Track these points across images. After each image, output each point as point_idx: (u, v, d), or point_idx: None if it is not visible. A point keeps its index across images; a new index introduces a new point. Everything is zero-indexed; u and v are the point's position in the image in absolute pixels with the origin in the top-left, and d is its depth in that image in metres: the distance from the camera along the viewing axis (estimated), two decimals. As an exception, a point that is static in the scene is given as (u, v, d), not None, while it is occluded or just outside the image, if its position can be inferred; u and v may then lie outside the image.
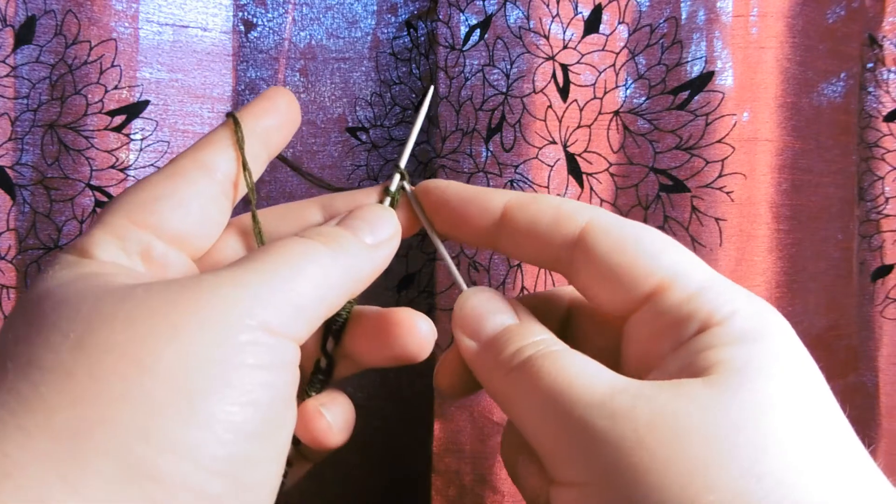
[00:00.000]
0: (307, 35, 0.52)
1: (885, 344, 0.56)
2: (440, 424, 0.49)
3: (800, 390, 0.22)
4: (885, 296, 0.56)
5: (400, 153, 0.30)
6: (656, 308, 0.25)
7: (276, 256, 0.23)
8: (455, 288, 0.48)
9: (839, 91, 0.52)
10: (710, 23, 0.47)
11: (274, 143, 0.29)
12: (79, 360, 0.20)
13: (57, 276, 0.23)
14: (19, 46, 0.44)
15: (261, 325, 0.21)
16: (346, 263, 0.25)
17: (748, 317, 0.23)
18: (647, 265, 0.25)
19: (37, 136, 0.45)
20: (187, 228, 0.25)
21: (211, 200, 0.26)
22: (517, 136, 0.47)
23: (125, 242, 0.24)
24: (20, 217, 0.45)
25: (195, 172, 0.26)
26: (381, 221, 0.27)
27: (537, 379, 0.23)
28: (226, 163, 0.27)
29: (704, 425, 0.20)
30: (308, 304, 0.23)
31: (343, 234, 0.26)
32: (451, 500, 0.49)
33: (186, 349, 0.20)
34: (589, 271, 0.26)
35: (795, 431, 0.21)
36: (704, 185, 0.48)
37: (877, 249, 0.56)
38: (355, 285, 0.25)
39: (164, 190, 0.25)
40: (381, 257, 0.27)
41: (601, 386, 0.22)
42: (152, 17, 0.46)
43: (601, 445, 0.21)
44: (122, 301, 0.21)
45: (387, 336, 0.27)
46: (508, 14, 0.47)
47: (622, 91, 0.49)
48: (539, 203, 0.27)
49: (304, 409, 0.26)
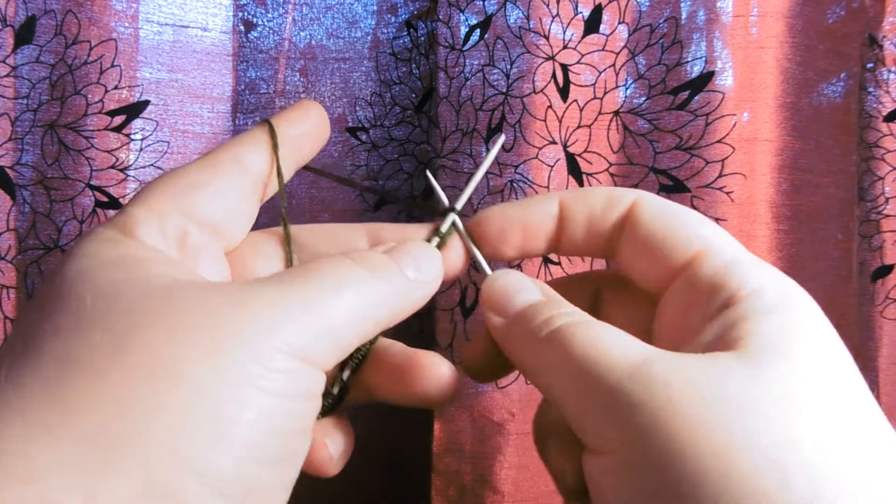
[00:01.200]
0: (307, 35, 0.52)
1: (885, 344, 0.56)
2: (440, 424, 0.49)
3: (828, 363, 0.22)
4: (885, 296, 0.56)
5: (457, 196, 0.30)
6: (691, 277, 0.26)
7: (321, 279, 0.23)
8: (455, 288, 0.48)
9: (839, 91, 0.52)
10: (710, 23, 0.47)
11: (303, 153, 0.29)
12: (116, 363, 0.19)
13: (98, 253, 0.22)
14: (19, 46, 0.44)
15: (296, 352, 0.21)
16: (386, 294, 0.25)
17: (776, 291, 0.24)
18: (687, 234, 0.26)
19: (37, 136, 0.45)
20: (222, 219, 0.26)
21: (243, 195, 0.27)
22: (517, 135, 0.47)
23: (165, 225, 0.24)
24: (20, 217, 0.45)
25: (232, 165, 0.26)
26: (428, 260, 0.27)
27: (569, 347, 0.24)
28: (259, 162, 0.27)
29: (739, 395, 0.21)
30: (344, 334, 0.23)
31: (389, 263, 0.25)
32: (451, 500, 0.49)
33: (222, 368, 0.20)
34: (634, 243, 0.27)
35: (826, 404, 0.21)
36: (704, 186, 0.48)
37: (877, 249, 0.56)
38: (390, 319, 0.25)
39: (203, 177, 0.26)
40: (420, 295, 0.26)
41: (635, 354, 0.23)
42: (152, 17, 0.46)
43: (636, 412, 0.21)
44: (166, 304, 0.21)
45: (409, 377, 0.27)
46: (508, 14, 0.47)
47: (622, 91, 0.49)
48: (591, 194, 0.29)
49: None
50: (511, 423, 0.48)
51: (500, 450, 0.48)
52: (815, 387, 0.21)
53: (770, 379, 0.21)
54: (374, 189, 0.28)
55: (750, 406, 0.20)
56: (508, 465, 0.48)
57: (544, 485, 0.49)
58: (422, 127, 0.53)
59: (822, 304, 0.24)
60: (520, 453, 0.49)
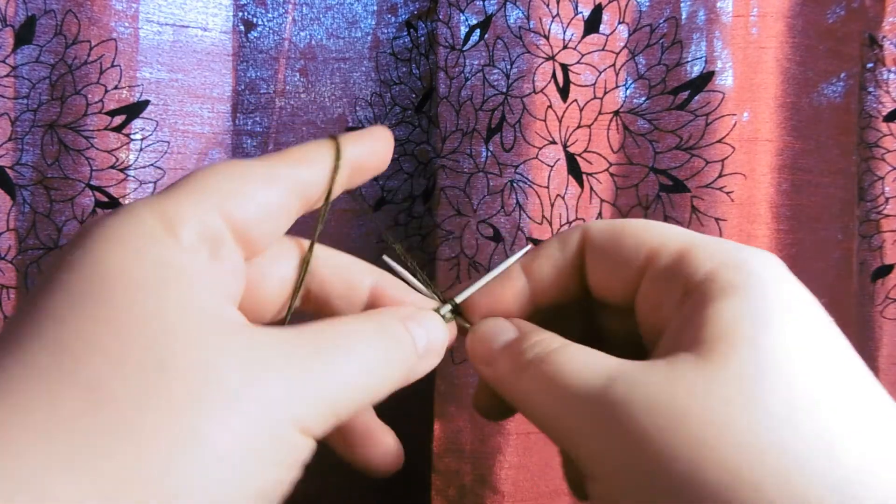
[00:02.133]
0: (307, 35, 0.52)
1: (885, 344, 0.56)
2: (440, 424, 0.48)
3: (792, 341, 0.22)
4: (885, 296, 0.56)
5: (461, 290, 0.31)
6: (648, 280, 0.26)
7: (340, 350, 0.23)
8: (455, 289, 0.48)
9: (839, 91, 0.52)
10: (710, 23, 0.47)
11: (356, 179, 0.29)
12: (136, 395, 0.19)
13: (139, 249, 0.21)
14: (19, 46, 0.44)
15: (297, 424, 0.21)
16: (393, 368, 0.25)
17: (730, 269, 0.23)
18: (635, 240, 0.27)
19: (37, 136, 0.45)
20: (261, 233, 0.25)
21: (287, 213, 0.26)
22: (517, 136, 0.47)
23: (206, 229, 0.23)
24: (20, 217, 0.45)
25: (288, 182, 0.25)
26: (438, 334, 0.28)
27: (542, 377, 0.24)
28: (314, 181, 0.26)
29: (697, 406, 0.21)
30: (344, 407, 0.23)
31: (403, 334, 0.26)
32: (451, 500, 0.49)
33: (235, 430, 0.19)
34: (594, 269, 0.28)
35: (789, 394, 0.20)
36: (704, 186, 0.48)
37: (877, 249, 0.56)
38: (390, 391, 0.25)
39: (258, 187, 0.24)
40: (424, 368, 0.27)
41: (598, 374, 0.23)
42: (152, 17, 0.46)
43: (609, 436, 0.21)
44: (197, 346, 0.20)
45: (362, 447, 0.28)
46: (508, 14, 0.47)
47: (622, 91, 0.49)
48: (543, 251, 0.30)
49: None
50: (511, 423, 0.48)
51: (500, 450, 0.48)
52: (776, 379, 0.21)
53: (724, 379, 0.21)
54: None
55: (708, 416, 0.20)
56: (508, 465, 0.48)
57: (544, 485, 0.49)
58: (422, 127, 0.53)
59: (822, 304, 0.24)
60: (520, 453, 0.49)
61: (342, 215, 0.53)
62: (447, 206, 0.48)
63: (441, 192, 0.48)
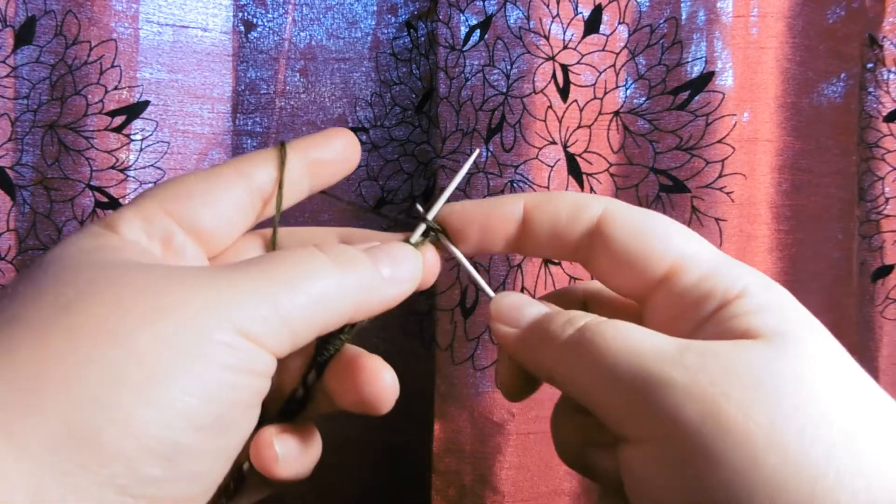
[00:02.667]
0: (307, 35, 0.52)
1: (885, 344, 0.56)
2: (440, 424, 0.49)
3: (833, 351, 0.24)
4: (885, 296, 0.56)
5: (428, 208, 0.30)
6: (672, 290, 0.26)
7: (279, 265, 0.24)
8: (455, 288, 0.48)
9: (839, 91, 0.52)
10: (710, 23, 0.47)
11: (320, 177, 0.30)
12: (59, 321, 0.20)
13: (78, 242, 0.24)
14: (19, 47, 0.44)
15: (238, 329, 0.22)
16: (351, 287, 0.25)
17: (761, 290, 0.25)
18: (661, 247, 0.27)
19: (37, 137, 0.45)
20: (210, 227, 0.26)
21: (239, 207, 0.27)
22: (517, 136, 0.47)
23: (150, 225, 0.25)
24: (20, 217, 0.45)
25: (233, 178, 0.27)
26: (406, 260, 0.27)
27: (601, 343, 0.24)
28: (263, 178, 0.28)
29: (771, 378, 0.22)
30: (297, 320, 0.23)
31: (361, 258, 0.26)
32: (451, 500, 0.49)
33: (161, 333, 0.21)
34: (606, 258, 0.28)
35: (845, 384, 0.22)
36: (704, 186, 0.48)
37: (877, 250, 0.56)
38: (355, 312, 0.25)
39: (200, 186, 0.27)
40: (393, 293, 0.27)
41: (669, 343, 0.23)
42: (152, 18, 0.46)
43: (681, 398, 0.22)
44: (118, 277, 0.22)
45: (352, 380, 0.27)
46: (508, 14, 0.47)
47: (622, 91, 0.49)
48: (557, 199, 0.29)
49: (260, 434, 0.26)
50: (511, 423, 0.48)
51: (500, 450, 0.48)
52: (830, 367, 0.23)
53: (795, 359, 0.22)
54: (368, 208, 0.28)
55: (786, 385, 0.22)
56: (508, 465, 0.48)
57: (544, 485, 0.50)
58: (422, 127, 0.53)
59: (822, 304, 0.25)
60: (520, 453, 0.49)
61: (342, 214, 0.53)
62: (447, 206, 0.48)
63: (441, 192, 0.48)
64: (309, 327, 0.24)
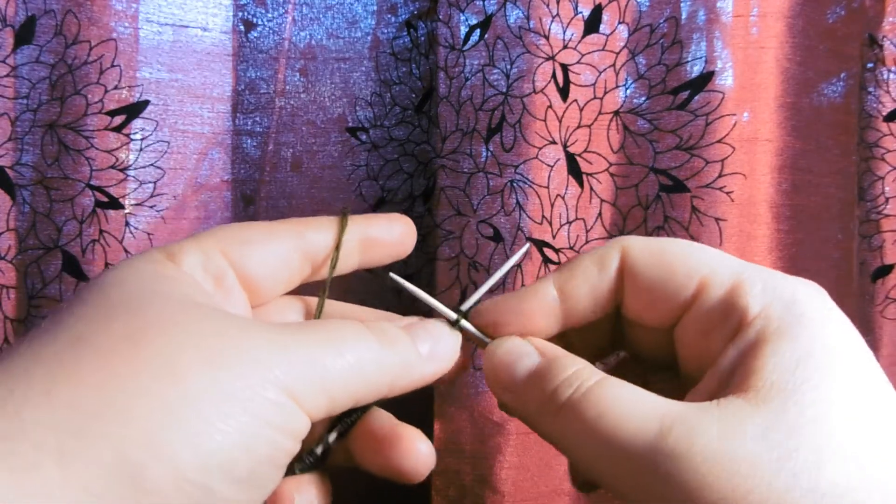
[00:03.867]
0: (307, 35, 0.52)
1: (885, 344, 0.56)
2: (440, 424, 0.49)
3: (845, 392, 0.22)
4: (885, 296, 0.56)
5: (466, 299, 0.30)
6: (699, 310, 0.26)
7: (328, 333, 0.24)
8: (455, 288, 0.48)
9: (839, 91, 0.52)
10: (710, 23, 0.47)
11: (372, 255, 0.30)
12: (124, 351, 0.21)
13: (140, 266, 0.25)
14: (19, 46, 0.44)
15: (285, 389, 0.22)
16: (391, 362, 0.25)
17: (783, 307, 0.24)
18: (686, 270, 0.26)
19: (37, 136, 0.45)
20: (260, 276, 0.27)
21: (290, 265, 0.28)
22: (517, 136, 0.47)
23: (207, 261, 0.26)
24: (20, 217, 0.45)
25: (289, 235, 0.28)
26: (444, 341, 0.28)
27: (585, 422, 0.24)
28: (318, 243, 0.29)
29: (757, 459, 0.21)
30: (338, 388, 0.24)
31: (401, 336, 0.26)
32: (451, 500, 0.49)
33: (216, 381, 0.21)
34: (636, 293, 0.27)
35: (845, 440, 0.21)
36: (704, 186, 0.48)
37: (877, 249, 0.56)
38: (392, 387, 0.26)
39: (258, 236, 0.28)
40: (428, 371, 0.27)
41: (652, 421, 0.23)
42: (152, 17, 0.46)
43: (667, 486, 0.22)
44: (183, 315, 0.22)
45: (386, 449, 0.28)
46: (508, 14, 0.47)
47: (622, 91, 0.49)
48: (581, 265, 0.29)
49: (281, 488, 0.26)
50: (511, 423, 0.48)
51: (500, 450, 0.48)
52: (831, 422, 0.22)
53: (786, 426, 0.21)
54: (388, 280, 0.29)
55: (771, 465, 0.21)
56: (508, 465, 0.48)
57: (544, 485, 0.49)
58: (422, 127, 0.53)
59: None
60: (520, 453, 0.49)
61: (342, 215, 0.53)
62: (447, 206, 0.48)
63: (441, 192, 0.48)
64: (347, 396, 0.24)
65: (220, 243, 0.27)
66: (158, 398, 0.20)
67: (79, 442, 0.19)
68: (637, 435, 0.22)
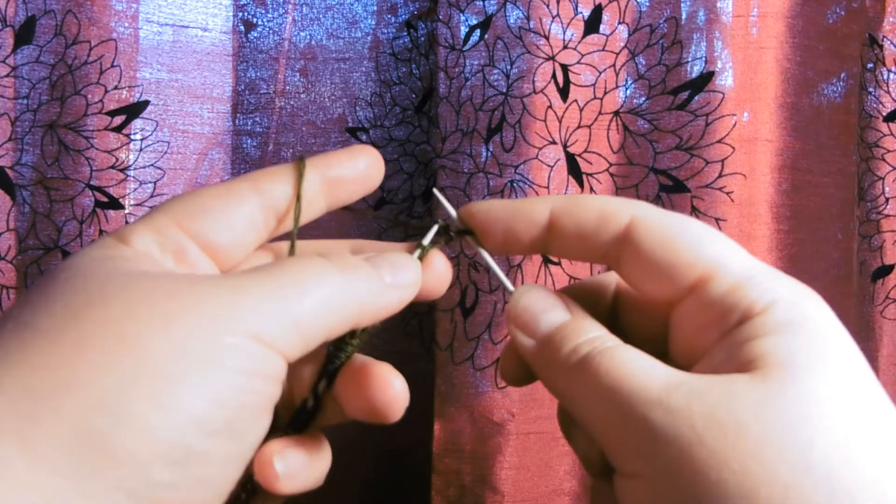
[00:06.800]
0: (307, 35, 0.52)
1: (885, 344, 0.56)
2: (440, 424, 0.49)
3: (842, 380, 0.23)
4: (885, 296, 0.56)
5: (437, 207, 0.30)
6: (700, 299, 0.26)
7: (288, 271, 0.24)
8: (455, 288, 0.48)
9: (839, 91, 0.52)
10: (710, 23, 0.47)
11: (338, 195, 0.29)
12: (69, 327, 0.21)
13: (90, 253, 0.24)
14: (19, 46, 0.44)
15: (250, 332, 0.22)
16: (356, 291, 0.25)
17: (788, 306, 0.24)
18: (690, 257, 0.26)
19: (37, 137, 0.45)
20: (224, 242, 0.27)
21: (253, 223, 0.27)
22: (517, 136, 0.47)
23: (163, 239, 0.25)
24: (20, 217, 0.45)
25: (248, 193, 0.27)
26: (405, 267, 0.28)
27: (596, 376, 0.24)
28: (279, 194, 0.28)
29: (755, 422, 0.21)
30: (306, 323, 0.23)
31: (363, 266, 0.26)
32: (451, 500, 0.49)
33: (172, 338, 0.21)
34: (635, 265, 0.27)
35: (839, 422, 0.22)
36: (704, 186, 0.48)
37: (877, 249, 0.56)
38: (360, 316, 0.26)
39: (214, 202, 0.27)
40: (394, 298, 0.27)
41: (657, 382, 0.23)
42: (152, 17, 0.46)
43: (662, 441, 0.22)
44: (128, 284, 0.22)
45: (362, 388, 0.27)
46: (508, 14, 0.47)
47: (622, 91, 0.49)
48: (583, 205, 0.28)
49: (262, 451, 0.26)
50: (511, 423, 0.48)
51: (500, 450, 0.48)
52: (827, 404, 0.22)
53: (783, 402, 0.22)
54: (386, 217, 0.28)
55: (765, 433, 0.21)
56: (508, 465, 0.48)
57: (544, 485, 0.49)
58: (422, 127, 0.53)
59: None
60: (520, 453, 0.49)
61: (342, 215, 0.53)
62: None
63: (441, 192, 0.48)
64: (318, 330, 0.24)
65: (174, 217, 0.26)
66: (112, 367, 0.20)
67: (37, 424, 0.19)
68: (641, 391, 0.23)
